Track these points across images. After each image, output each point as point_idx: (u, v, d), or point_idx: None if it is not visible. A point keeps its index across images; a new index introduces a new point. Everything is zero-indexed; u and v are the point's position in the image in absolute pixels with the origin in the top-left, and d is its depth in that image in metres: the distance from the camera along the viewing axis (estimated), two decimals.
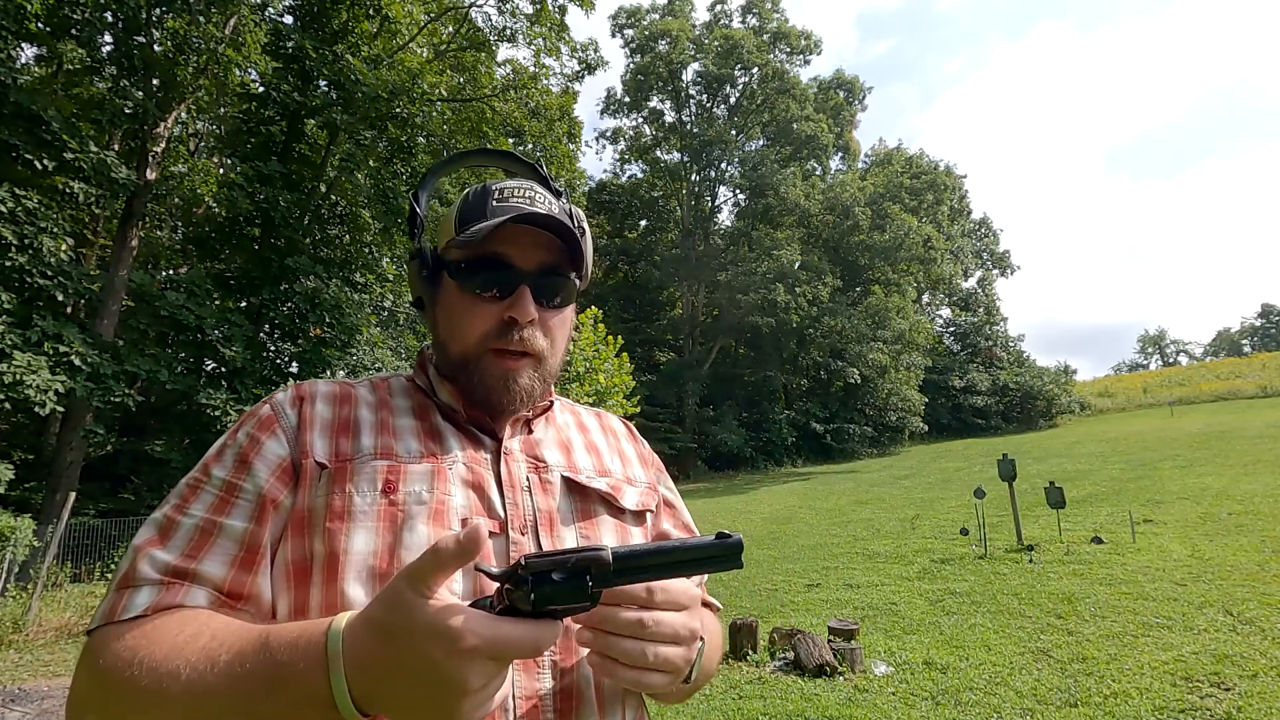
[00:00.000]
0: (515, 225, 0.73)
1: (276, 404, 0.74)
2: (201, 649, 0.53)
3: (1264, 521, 7.91)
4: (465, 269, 0.75)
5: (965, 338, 37.79)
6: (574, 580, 0.48)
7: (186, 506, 0.66)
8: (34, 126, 9.80)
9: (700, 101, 34.82)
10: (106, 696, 0.55)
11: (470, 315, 0.75)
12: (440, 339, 0.79)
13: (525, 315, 0.73)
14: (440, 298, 0.78)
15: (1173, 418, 25.63)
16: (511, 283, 0.74)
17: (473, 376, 0.75)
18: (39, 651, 6.18)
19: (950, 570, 7.33)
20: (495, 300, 0.74)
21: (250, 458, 0.68)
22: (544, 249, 0.76)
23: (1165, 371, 52.82)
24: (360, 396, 0.77)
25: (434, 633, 0.45)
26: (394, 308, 18.26)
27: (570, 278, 0.79)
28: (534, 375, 0.76)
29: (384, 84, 13.30)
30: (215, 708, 0.51)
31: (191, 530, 0.64)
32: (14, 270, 9.59)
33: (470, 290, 0.75)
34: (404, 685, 0.46)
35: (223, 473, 0.68)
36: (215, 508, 0.65)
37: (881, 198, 31.15)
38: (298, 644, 0.50)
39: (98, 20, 10.73)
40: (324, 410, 0.74)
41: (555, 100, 18.53)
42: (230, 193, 12.91)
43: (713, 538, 0.53)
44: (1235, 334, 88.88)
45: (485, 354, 0.74)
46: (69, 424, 11.02)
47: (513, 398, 0.75)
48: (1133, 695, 3.82)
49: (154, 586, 0.60)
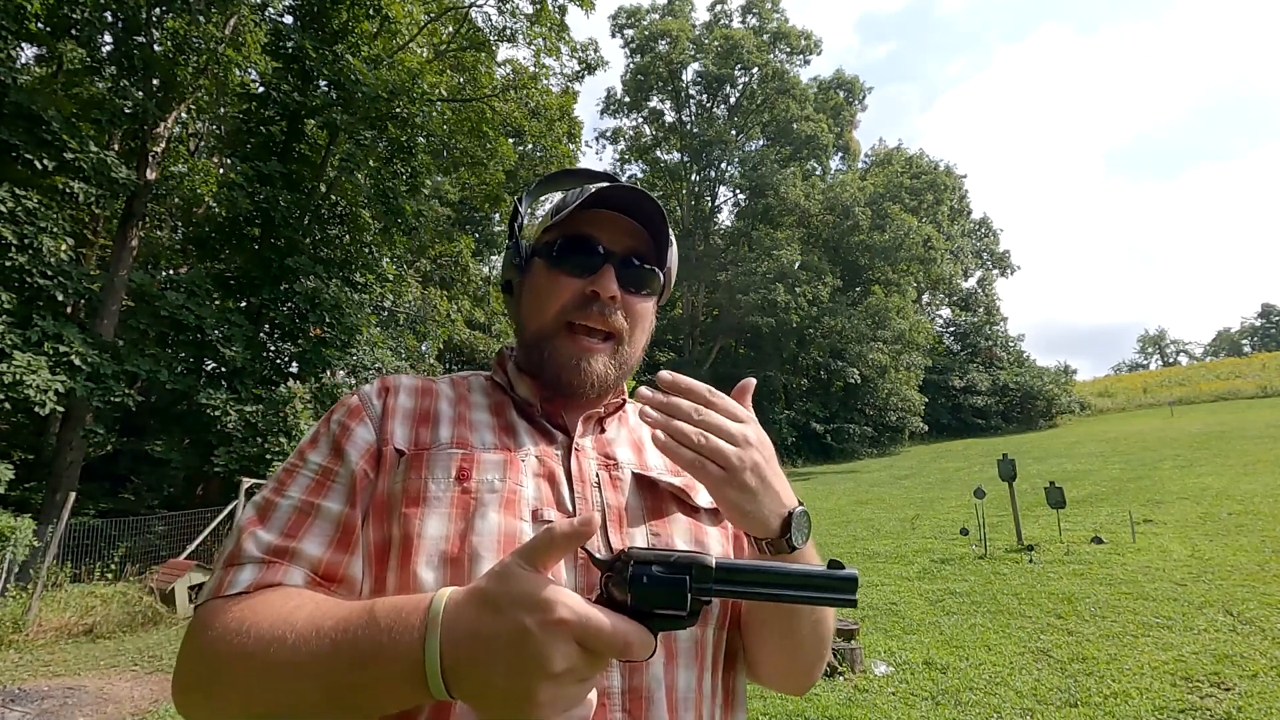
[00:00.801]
0: (606, 213, 0.77)
1: (363, 394, 0.77)
2: (307, 616, 0.54)
3: (1264, 521, 7.91)
4: (554, 249, 0.78)
5: (965, 338, 37.79)
6: (673, 579, 0.47)
7: (284, 489, 0.68)
8: (34, 126, 9.79)
9: (700, 101, 34.83)
10: (214, 667, 0.56)
11: (553, 290, 0.77)
12: (521, 320, 0.82)
13: (607, 290, 0.75)
14: (527, 280, 0.82)
15: (1173, 418, 25.63)
16: (598, 261, 0.76)
17: (545, 353, 0.77)
18: (39, 651, 6.18)
19: (950, 570, 7.33)
20: (580, 277, 0.77)
21: (343, 444, 0.71)
22: (632, 237, 0.79)
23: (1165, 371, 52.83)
24: (440, 391, 0.80)
25: (529, 599, 0.46)
26: (394, 308, 18.25)
27: (655, 271, 0.81)
28: (609, 362, 0.78)
29: (384, 84, 13.29)
30: (316, 676, 0.51)
31: (290, 511, 0.66)
32: (14, 270, 9.58)
33: (556, 268, 0.77)
34: (489, 658, 0.46)
35: (318, 458, 0.71)
36: (312, 490, 0.68)
37: (881, 198, 31.16)
38: (402, 609, 0.50)
39: (98, 20, 10.73)
40: (406, 401, 0.77)
41: (555, 100, 18.54)
42: (230, 193, 12.90)
43: (824, 567, 0.49)
44: (1235, 334, 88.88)
45: (561, 330, 0.77)
46: (69, 424, 11.02)
47: (584, 379, 0.76)
48: (1133, 695, 3.82)
49: (256, 564, 0.62)
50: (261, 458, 11.05)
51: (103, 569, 8.73)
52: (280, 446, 11.25)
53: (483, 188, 19.10)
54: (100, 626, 6.76)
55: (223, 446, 11.36)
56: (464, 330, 20.58)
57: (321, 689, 0.51)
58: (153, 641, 6.52)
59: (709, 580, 0.48)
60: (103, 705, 4.82)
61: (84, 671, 5.63)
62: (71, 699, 4.92)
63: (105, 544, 9.13)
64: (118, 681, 5.36)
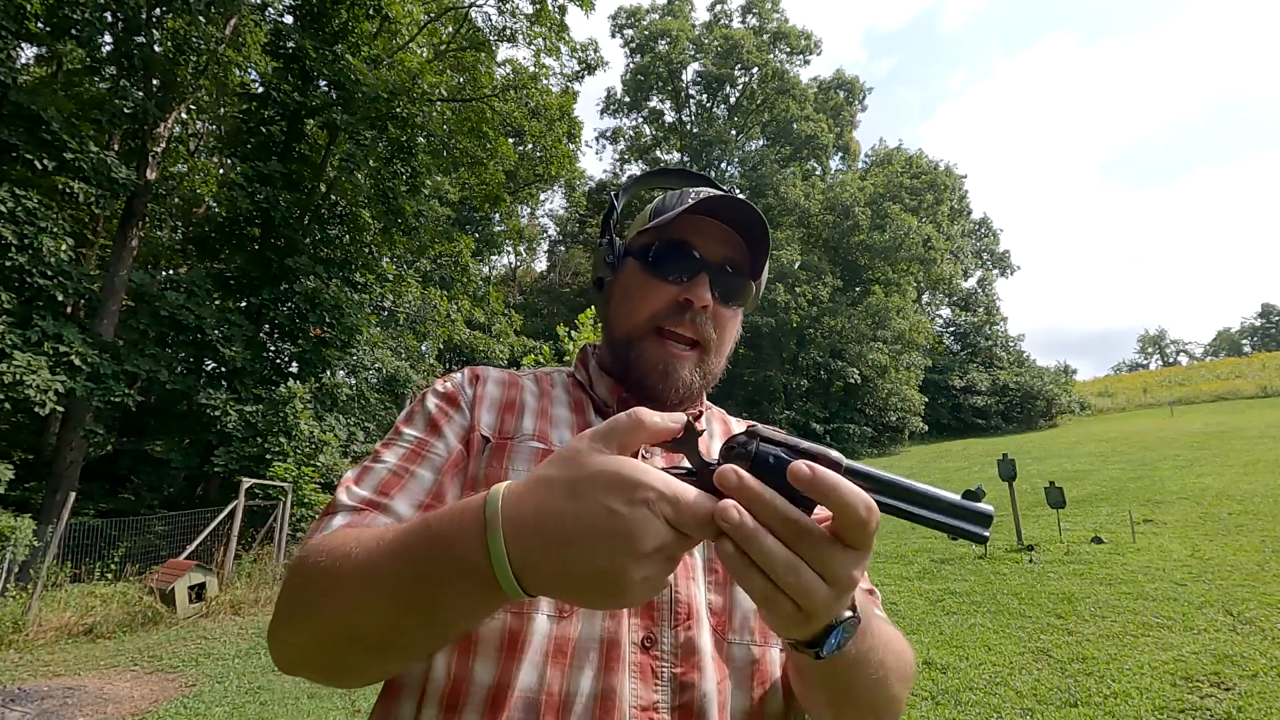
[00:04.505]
0: (705, 219, 0.77)
1: (456, 382, 0.79)
2: (373, 534, 0.54)
3: (1264, 521, 7.91)
4: (651, 253, 0.77)
5: (965, 338, 37.79)
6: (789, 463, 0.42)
7: (380, 456, 0.71)
8: (34, 126, 9.79)
9: (700, 101, 34.84)
10: (293, 599, 0.57)
11: (646, 294, 0.77)
12: (610, 319, 0.82)
13: (701, 299, 0.74)
14: (620, 279, 0.81)
15: (1172, 418, 25.62)
16: (694, 268, 0.76)
17: (631, 355, 0.77)
18: (39, 651, 6.18)
19: (950, 570, 7.33)
20: (674, 283, 0.76)
21: (440, 423, 0.74)
22: (729, 245, 0.78)
23: (1165, 371, 52.82)
24: (525, 384, 0.81)
25: (614, 479, 0.42)
26: (394, 308, 18.25)
27: (749, 281, 0.80)
28: (695, 370, 0.77)
29: (384, 84, 13.30)
30: (383, 588, 0.49)
31: (384, 473, 0.68)
32: (14, 270, 9.59)
33: (651, 272, 0.77)
34: (571, 548, 0.42)
35: (414, 432, 0.73)
36: (407, 458, 0.70)
37: (881, 198, 31.16)
38: (455, 513, 0.47)
39: (98, 20, 10.73)
40: (494, 390, 0.79)
41: (555, 100, 18.54)
42: (230, 193, 12.90)
43: (959, 496, 0.44)
44: (1235, 334, 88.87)
45: (650, 335, 0.76)
46: (69, 424, 11.02)
47: (670, 385, 0.75)
48: (1133, 695, 3.82)
49: (348, 512, 0.65)
50: (261, 458, 11.04)
51: (103, 569, 8.74)
52: (280, 446, 11.24)
53: (483, 188, 19.10)
54: (100, 626, 6.76)
55: (223, 446, 11.37)
56: (464, 330, 20.57)
57: (388, 600, 0.49)
58: (153, 641, 6.52)
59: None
60: (103, 705, 4.82)
61: (84, 671, 5.63)
62: (71, 699, 4.91)
63: (105, 544, 9.13)
64: (118, 681, 5.37)
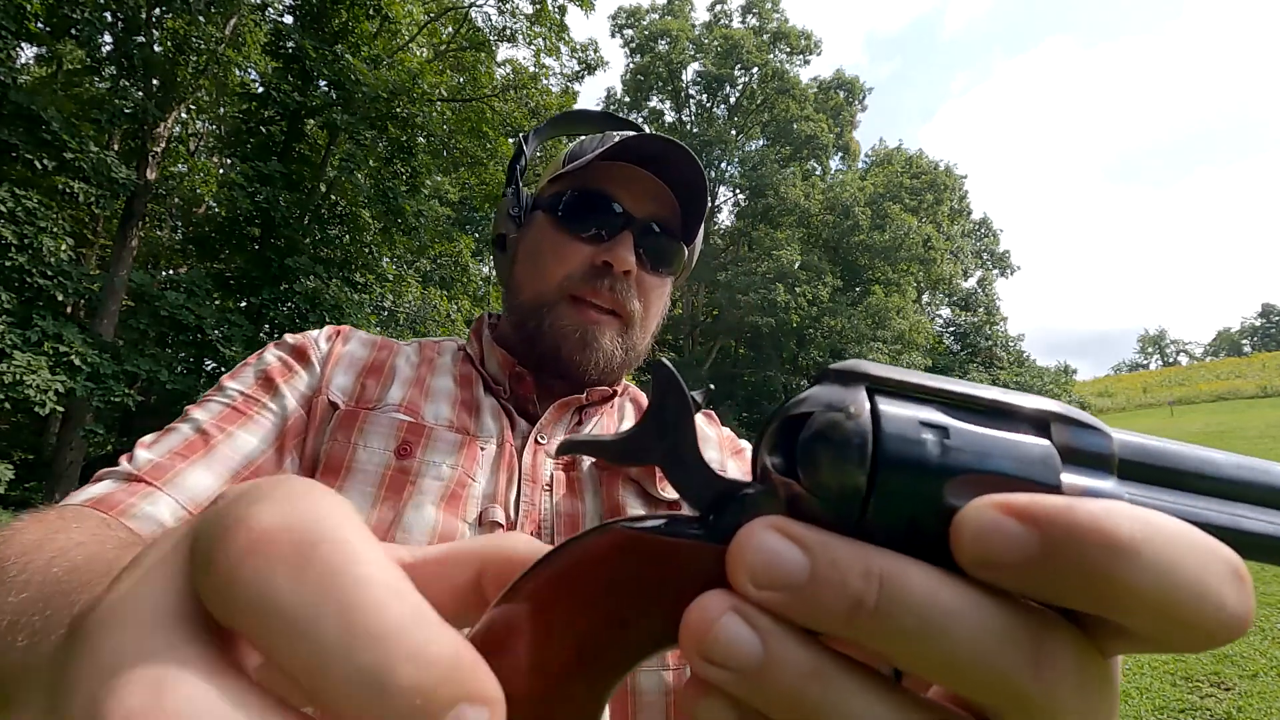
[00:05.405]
0: (632, 167, 0.63)
1: (310, 335, 0.65)
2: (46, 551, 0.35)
3: None
4: (563, 204, 0.63)
5: (965, 338, 37.80)
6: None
7: (189, 414, 0.56)
8: (34, 126, 9.80)
9: (700, 101, 34.86)
10: None
11: (557, 254, 0.63)
12: (513, 284, 0.68)
13: (622, 263, 0.61)
14: (526, 236, 0.67)
15: (1172, 418, 25.62)
16: (614, 225, 0.62)
17: (543, 323, 0.63)
18: None
19: None
20: (591, 242, 0.63)
21: (276, 379, 0.58)
22: (659, 201, 0.64)
23: (1165, 371, 52.84)
24: (402, 349, 0.67)
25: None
26: (394, 308, 18.28)
27: (681, 245, 0.67)
28: (617, 340, 0.64)
29: (384, 84, 13.31)
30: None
31: (189, 433, 0.53)
32: (14, 270, 9.59)
33: (564, 227, 0.63)
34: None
35: (238, 386, 0.58)
36: (223, 417, 0.55)
37: (881, 198, 31.19)
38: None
39: (98, 20, 10.73)
40: (358, 349, 0.64)
41: (555, 100, 18.54)
42: (230, 193, 12.91)
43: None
44: (1235, 334, 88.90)
45: (562, 300, 0.63)
46: (69, 424, 11.03)
47: (589, 356, 0.63)
48: (1133, 695, 3.82)
49: (118, 480, 0.50)
50: None
51: None
52: None
53: (483, 188, 19.12)
54: None
55: None
56: (464, 330, 20.61)
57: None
58: None
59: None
60: None
61: None
62: None
63: None
64: None
